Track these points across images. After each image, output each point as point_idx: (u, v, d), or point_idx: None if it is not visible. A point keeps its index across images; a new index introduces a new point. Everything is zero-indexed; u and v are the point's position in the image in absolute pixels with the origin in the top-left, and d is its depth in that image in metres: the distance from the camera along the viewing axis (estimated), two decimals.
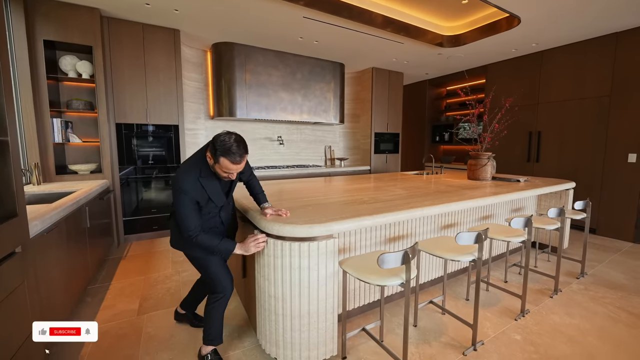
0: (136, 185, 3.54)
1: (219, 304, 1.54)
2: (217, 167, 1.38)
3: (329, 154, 5.48)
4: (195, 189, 1.39)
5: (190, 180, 1.39)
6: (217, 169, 1.39)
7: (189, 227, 1.38)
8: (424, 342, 1.76)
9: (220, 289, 1.54)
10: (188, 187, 1.38)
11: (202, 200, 1.42)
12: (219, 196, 1.48)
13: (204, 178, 1.42)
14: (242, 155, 1.36)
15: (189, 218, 1.38)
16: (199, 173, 1.41)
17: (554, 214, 2.22)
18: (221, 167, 1.36)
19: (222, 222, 1.59)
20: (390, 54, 4.42)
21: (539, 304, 2.18)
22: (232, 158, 1.33)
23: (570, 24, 3.32)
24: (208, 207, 1.47)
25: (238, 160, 1.35)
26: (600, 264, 2.90)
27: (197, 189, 1.40)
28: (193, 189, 1.39)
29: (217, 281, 1.54)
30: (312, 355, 1.46)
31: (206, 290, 1.77)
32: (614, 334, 1.84)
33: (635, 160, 3.46)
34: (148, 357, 1.63)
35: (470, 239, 1.61)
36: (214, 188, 1.45)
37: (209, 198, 1.43)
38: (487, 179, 3.05)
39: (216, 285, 1.54)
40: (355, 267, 1.45)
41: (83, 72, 3.01)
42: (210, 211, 1.50)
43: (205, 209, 1.46)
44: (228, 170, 1.37)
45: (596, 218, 3.78)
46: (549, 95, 4.19)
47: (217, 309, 1.55)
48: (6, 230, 1.17)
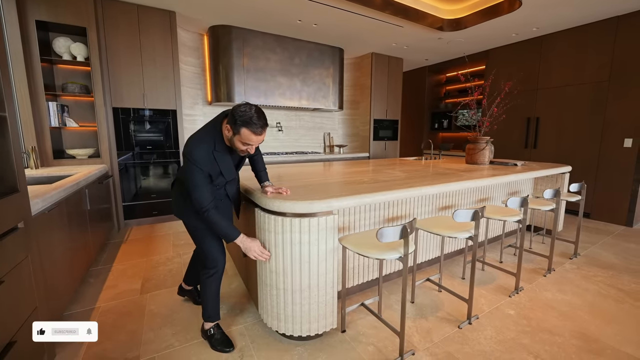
0: (135, 171, 3.53)
1: (212, 279, 1.56)
2: (237, 138, 1.34)
3: (327, 141, 5.47)
4: (208, 162, 1.37)
5: (203, 153, 1.36)
6: (237, 141, 1.35)
7: (202, 201, 1.36)
8: (421, 317, 1.81)
9: (211, 263, 1.54)
10: (201, 160, 1.35)
11: (214, 174, 1.42)
12: (230, 171, 1.49)
13: (218, 152, 1.40)
14: (263, 126, 1.33)
15: (202, 191, 1.36)
16: (213, 146, 1.38)
17: (549, 195, 2.25)
18: (241, 138, 1.33)
19: (228, 194, 1.59)
20: (389, 38, 4.37)
21: (532, 282, 2.24)
22: (253, 129, 1.30)
23: (571, 5, 3.28)
24: (217, 180, 1.47)
25: (259, 131, 1.32)
26: (593, 246, 2.97)
27: (210, 162, 1.38)
28: (206, 162, 1.36)
29: (210, 254, 1.54)
30: (312, 328, 1.50)
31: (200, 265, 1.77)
32: (603, 309, 1.90)
33: (631, 145, 3.49)
34: (152, 333, 1.67)
35: (467, 216, 1.64)
36: (227, 163, 1.44)
37: (220, 172, 1.43)
38: (484, 163, 3.07)
39: (207, 258, 1.55)
40: (354, 243, 1.48)
41: (78, 55, 2.96)
42: (218, 184, 1.50)
43: (214, 182, 1.46)
44: (248, 141, 1.34)
45: (591, 202, 3.84)
46: (548, 81, 4.18)
47: (211, 285, 1.56)
48: (8, 205, 1.18)
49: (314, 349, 1.54)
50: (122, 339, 1.61)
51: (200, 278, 1.58)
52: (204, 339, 1.60)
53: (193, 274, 1.89)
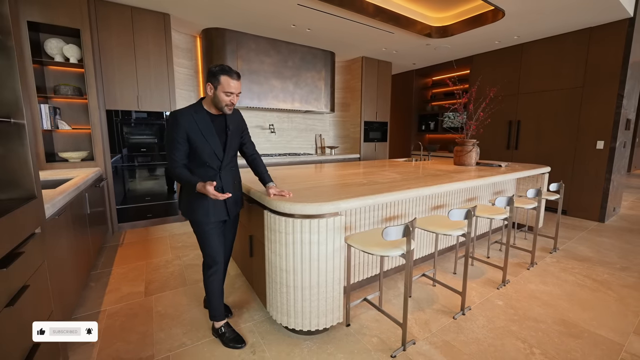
0: (129, 173, 3.50)
1: (214, 279, 1.61)
2: (220, 89, 1.44)
3: (319, 142, 5.56)
4: (189, 121, 1.46)
5: (184, 112, 1.48)
6: (219, 93, 1.45)
7: (173, 157, 1.46)
8: (419, 310, 1.94)
9: (212, 260, 1.60)
10: (181, 117, 1.46)
11: (195, 135, 1.46)
12: (213, 137, 1.50)
13: (198, 114, 1.49)
14: (238, 74, 1.47)
15: (175, 148, 1.45)
16: (193, 110, 1.50)
17: (532, 194, 2.44)
18: (223, 87, 1.44)
19: (222, 187, 1.57)
20: (380, 43, 4.51)
21: (517, 275, 2.42)
22: (230, 74, 1.44)
23: (549, 17, 3.53)
24: (203, 149, 1.48)
25: (235, 77, 1.46)
26: (570, 241, 3.21)
27: (190, 121, 1.47)
28: (186, 120, 1.46)
29: (210, 252, 1.59)
30: (320, 322, 1.60)
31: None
32: (581, 298, 2.09)
33: (602, 147, 3.78)
34: (162, 333, 1.71)
35: (461, 215, 1.77)
36: (207, 126, 1.50)
37: (202, 134, 1.47)
38: (472, 164, 3.26)
39: (209, 256, 1.60)
40: (359, 242, 1.58)
41: (71, 56, 2.92)
42: (208, 162, 1.52)
43: (201, 152, 1.48)
44: (229, 89, 1.44)
45: (567, 200, 4.12)
46: (528, 86, 4.45)
47: (212, 284, 1.61)
48: (29, 211, 1.20)
49: (321, 342, 1.63)
50: (134, 340, 1.65)
51: (203, 279, 1.64)
52: (216, 337, 1.66)
53: None
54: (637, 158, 9.04)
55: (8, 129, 1.21)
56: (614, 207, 4.12)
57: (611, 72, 3.65)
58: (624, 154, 4.01)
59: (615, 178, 3.85)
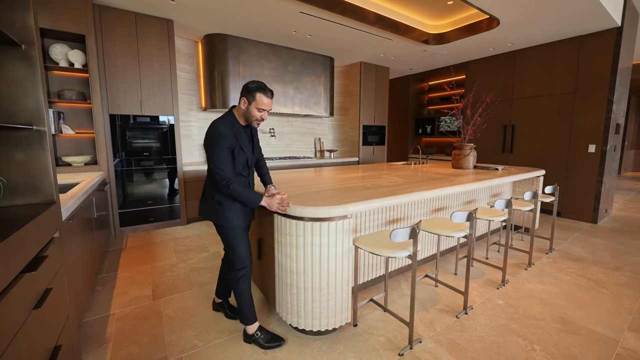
0: (131, 177, 3.51)
1: (242, 280, 1.63)
2: (253, 105, 1.52)
3: (318, 146, 5.63)
4: (230, 135, 1.52)
5: (226, 125, 1.53)
6: (252, 109, 1.53)
7: (224, 174, 1.48)
8: (423, 309, 2.00)
9: (241, 263, 1.62)
10: (224, 131, 1.50)
11: (236, 148, 1.53)
12: (248, 148, 1.61)
13: (234, 126, 1.56)
14: (272, 92, 1.56)
15: (224, 164, 1.49)
16: (229, 122, 1.55)
17: (529, 197, 2.53)
18: (257, 104, 1.51)
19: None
20: (379, 49, 4.61)
21: (516, 275, 2.50)
22: (265, 93, 1.52)
23: (541, 25, 3.66)
24: (239, 160, 1.56)
25: (270, 95, 1.54)
26: (565, 241, 3.31)
27: (231, 134, 1.52)
28: (229, 134, 1.51)
29: (241, 253, 1.62)
30: (330, 323, 1.64)
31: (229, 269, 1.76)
32: (577, 296, 2.18)
33: (594, 151, 3.91)
34: (173, 335, 1.74)
35: (462, 217, 1.84)
36: (243, 137, 1.59)
37: (241, 148, 1.56)
38: (469, 168, 3.35)
39: (238, 258, 1.61)
40: (367, 244, 1.63)
41: (75, 62, 2.94)
42: (242, 171, 1.61)
43: (237, 162, 1.56)
44: (262, 106, 1.52)
45: (561, 202, 4.24)
46: (522, 92, 4.58)
47: (241, 286, 1.63)
48: (50, 216, 1.24)
49: (331, 342, 1.68)
50: (146, 342, 1.67)
51: (232, 283, 1.64)
52: (250, 343, 1.66)
53: (224, 285, 1.91)
54: (626, 161, 9.29)
55: (30, 135, 1.24)
56: (606, 209, 4.25)
57: (601, 79, 3.79)
58: (614, 157, 4.15)
59: (606, 180, 3.98)
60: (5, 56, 1.19)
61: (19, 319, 0.90)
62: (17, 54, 1.20)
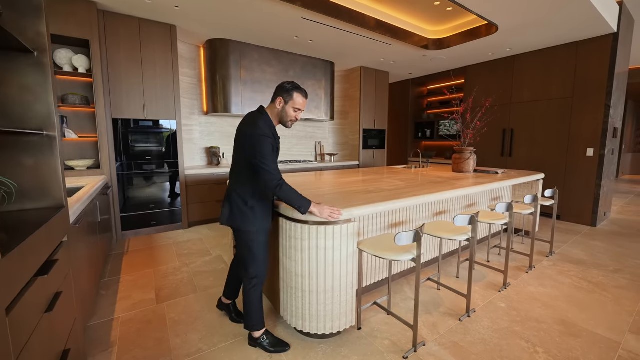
0: (133, 181, 3.52)
1: (256, 288, 1.62)
2: (290, 104, 1.53)
3: (319, 150, 5.66)
4: (272, 134, 1.52)
5: (268, 125, 1.53)
6: (289, 108, 1.54)
7: (275, 174, 1.45)
8: (426, 313, 2.01)
9: (258, 271, 1.60)
10: (268, 131, 1.49)
11: (275, 148, 1.54)
12: (279, 151, 1.62)
13: (272, 127, 1.56)
14: (307, 93, 1.58)
15: (273, 162, 1.47)
16: (268, 122, 1.53)
17: (529, 200, 2.56)
18: (294, 103, 1.52)
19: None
20: (378, 54, 4.66)
21: (517, 278, 2.51)
22: (302, 92, 1.54)
23: (539, 31, 3.72)
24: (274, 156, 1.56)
25: (305, 95, 1.56)
26: (565, 245, 3.33)
27: (271, 134, 1.52)
28: (271, 134, 1.51)
29: (260, 262, 1.60)
30: (335, 326, 1.65)
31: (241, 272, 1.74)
32: (577, 299, 2.19)
33: (592, 155, 3.95)
34: (178, 339, 1.75)
35: (465, 220, 1.86)
36: (277, 137, 1.59)
37: (277, 148, 1.57)
38: (469, 171, 3.38)
39: (257, 266, 1.59)
40: (371, 247, 1.65)
41: (79, 67, 2.97)
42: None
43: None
44: (298, 105, 1.53)
45: (561, 205, 4.27)
46: (520, 96, 4.63)
47: (253, 293, 1.61)
48: (59, 220, 1.25)
49: (335, 345, 1.69)
50: (151, 346, 1.68)
51: (244, 290, 1.63)
52: (255, 346, 1.66)
53: (234, 286, 1.89)
54: (624, 164, 9.36)
55: (40, 141, 1.26)
56: (605, 212, 4.29)
57: (598, 84, 3.84)
58: (612, 161, 4.19)
59: (605, 184, 4.02)
60: (17, 63, 1.21)
61: (32, 323, 0.91)
62: (29, 60, 1.23)
